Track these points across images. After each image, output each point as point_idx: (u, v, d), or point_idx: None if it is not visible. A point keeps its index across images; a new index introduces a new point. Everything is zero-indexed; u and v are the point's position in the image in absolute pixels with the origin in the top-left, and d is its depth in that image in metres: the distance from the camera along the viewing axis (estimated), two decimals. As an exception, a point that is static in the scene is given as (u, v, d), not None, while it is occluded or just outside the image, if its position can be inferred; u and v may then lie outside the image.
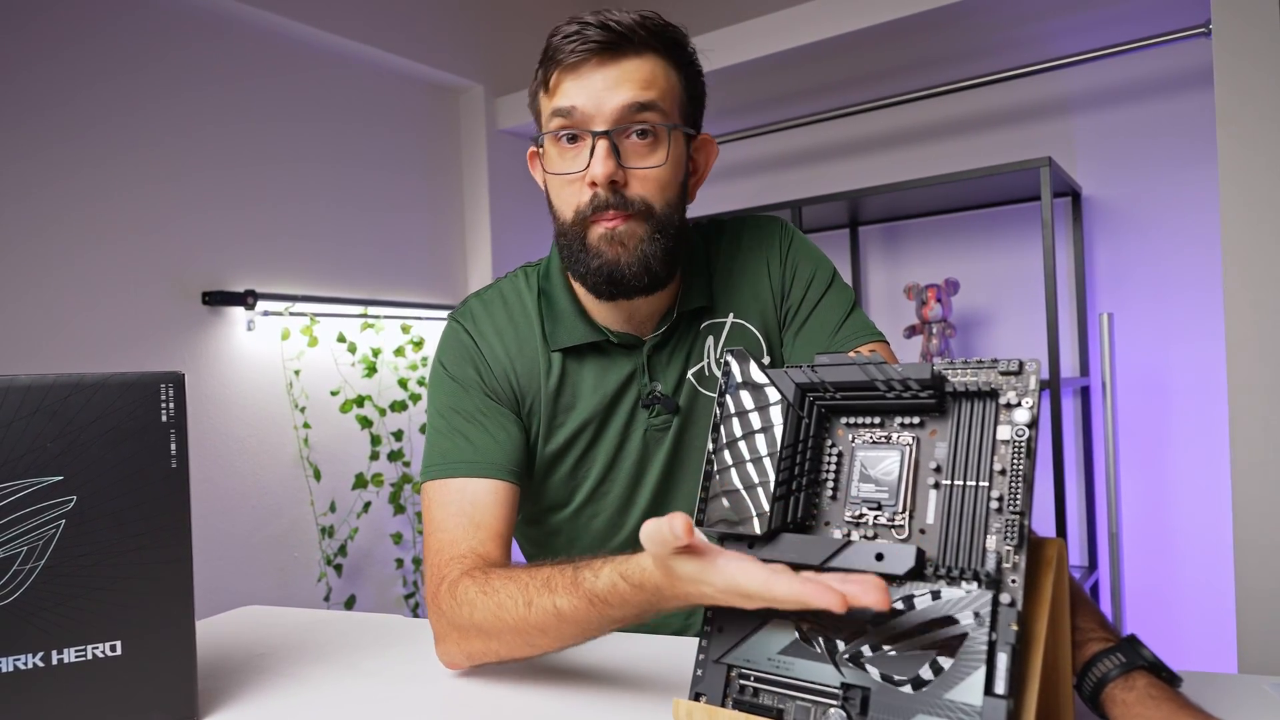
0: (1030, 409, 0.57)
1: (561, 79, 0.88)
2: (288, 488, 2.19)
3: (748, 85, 2.73)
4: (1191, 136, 2.10)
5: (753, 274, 1.00)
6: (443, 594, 0.83)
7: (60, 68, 1.82)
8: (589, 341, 0.96)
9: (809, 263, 1.00)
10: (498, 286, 1.02)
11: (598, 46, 0.85)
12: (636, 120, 0.86)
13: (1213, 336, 2.07)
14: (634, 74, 0.86)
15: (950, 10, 2.07)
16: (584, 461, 0.98)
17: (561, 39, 0.87)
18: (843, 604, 0.52)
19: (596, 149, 0.85)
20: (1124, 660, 0.62)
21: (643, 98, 0.86)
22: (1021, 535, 0.55)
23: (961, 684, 0.54)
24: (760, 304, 0.99)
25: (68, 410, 0.72)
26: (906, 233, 2.55)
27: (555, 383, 0.96)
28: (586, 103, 0.86)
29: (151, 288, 1.95)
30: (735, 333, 0.98)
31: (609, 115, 0.86)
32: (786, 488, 0.63)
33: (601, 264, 0.88)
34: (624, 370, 0.97)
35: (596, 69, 0.86)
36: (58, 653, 0.71)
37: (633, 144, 0.87)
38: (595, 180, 0.85)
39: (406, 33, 2.45)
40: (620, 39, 0.86)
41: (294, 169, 2.25)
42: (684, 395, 0.97)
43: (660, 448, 0.97)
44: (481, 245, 2.72)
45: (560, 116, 0.87)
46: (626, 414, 0.97)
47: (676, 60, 0.90)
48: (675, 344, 0.98)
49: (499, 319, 0.99)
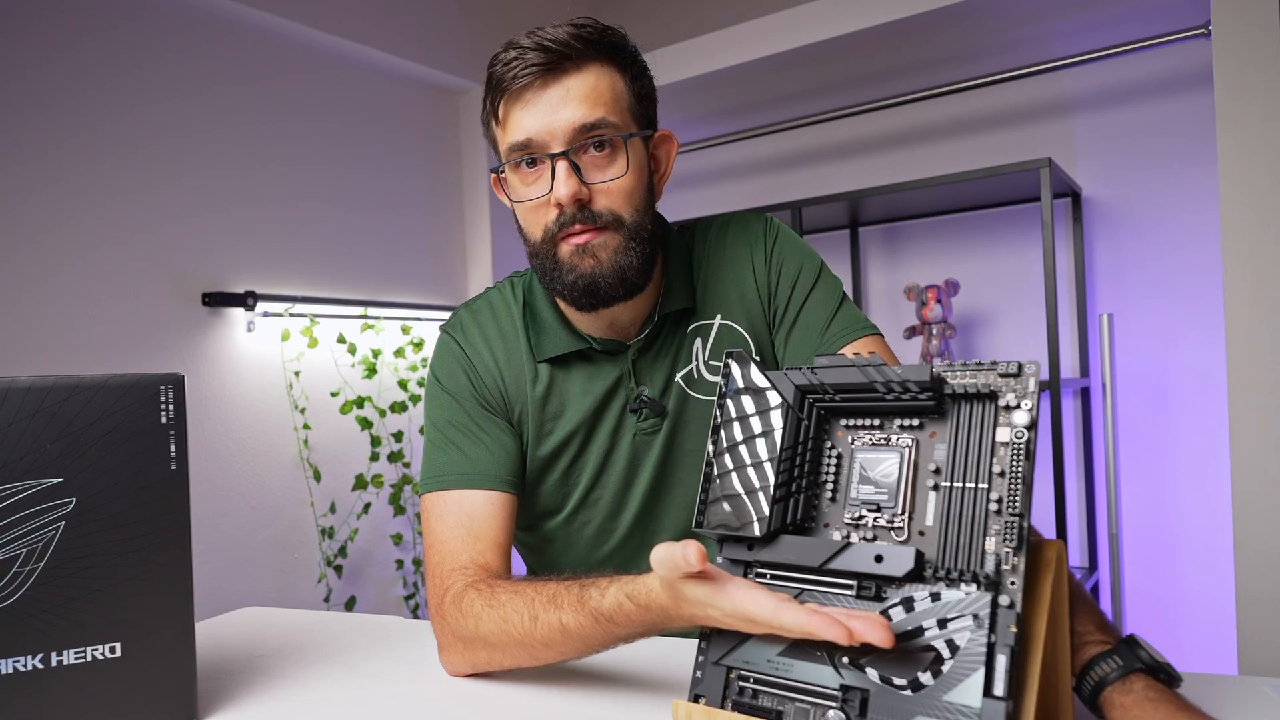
0: (1029, 411, 0.56)
1: (510, 108, 0.88)
2: (288, 489, 2.19)
3: (748, 86, 2.73)
4: (1191, 137, 2.10)
5: (738, 274, 0.99)
6: (447, 605, 0.84)
7: (60, 70, 1.82)
8: (573, 350, 0.96)
9: (795, 258, 0.99)
10: (486, 297, 1.03)
11: (538, 69, 0.86)
12: (590, 135, 0.86)
13: (1213, 336, 2.07)
14: (579, 90, 0.86)
15: (950, 11, 2.07)
16: (574, 469, 0.98)
17: (502, 67, 0.87)
18: (849, 637, 0.53)
19: (557, 171, 0.86)
20: (1121, 663, 0.62)
21: (591, 117, 0.86)
22: (1021, 537, 0.55)
23: (960, 686, 0.54)
24: (746, 304, 0.99)
25: (67, 412, 0.72)
26: (907, 233, 2.55)
27: (542, 392, 0.97)
28: (539, 129, 0.86)
29: (152, 289, 1.95)
30: (723, 334, 0.98)
31: (562, 137, 0.86)
32: (786, 489, 0.63)
33: (576, 277, 0.88)
34: (610, 376, 0.97)
35: (541, 91, 0.86)
36: (57, 654, 0.71)
37: (591, 158, 0.87)
38: (560, 201, 0.86)
39: (406, 33, 2.45)
40: (559, 56, 0.86)
41: (293, 169, 2.25)
42: (672, 398, 0.97)
43: (650, 452, 0.97)
44: (481, 246, 2.72)
45: (518, 150, 0.88)
46: (614, 420, 0.97)
47: (619, 64, 0.90)
48: (660, 347, 0.98)
49: (488, 329, 0.99)
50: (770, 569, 0.63)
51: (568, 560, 1.02)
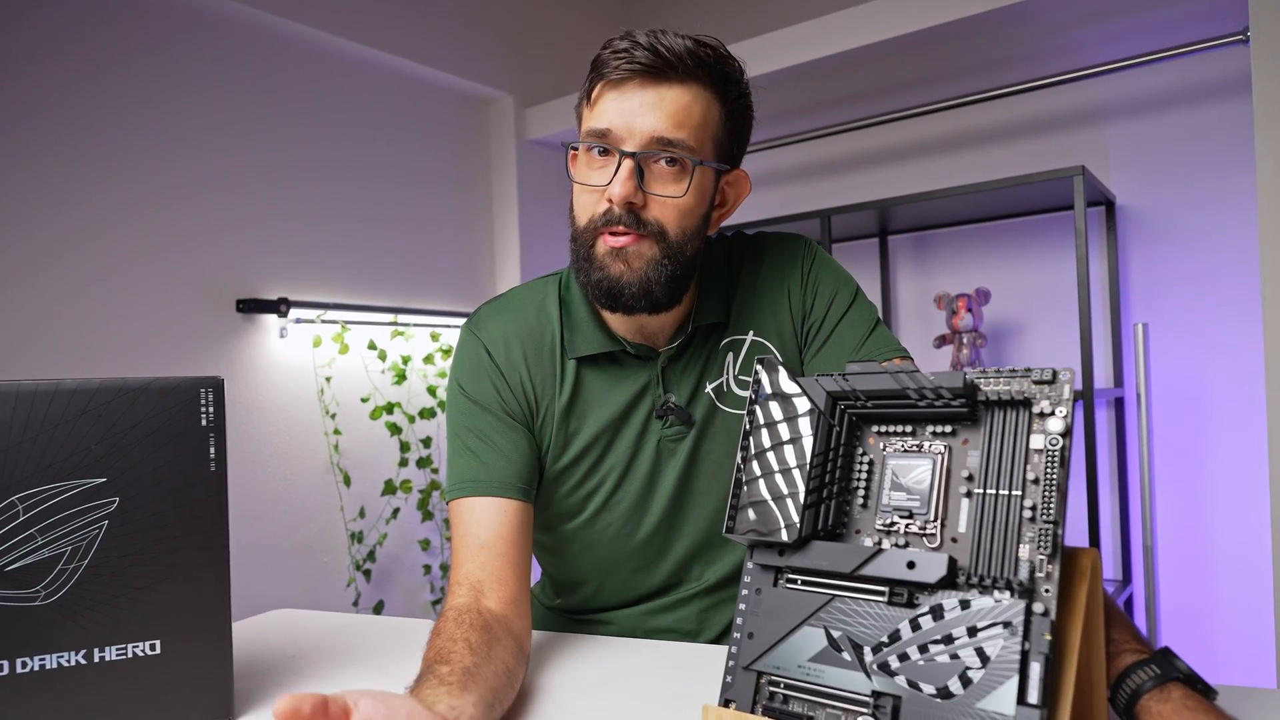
0: (1064, 418, 0.56)
1: (603, 93, 0.89)
2: (318, 493, 2.22)
3: (777, 95, 2.73)
4: (1229, 145, 2.07)
5: (774, 295, 1.00)
6: (440, 614, 0.88)
7: (102, 87, 1.86)
8: (605, 351, 0.96)
9: (830, 282, 1.00)
10: (514, 293, 1.04)
11: (642, 68, 0.86)
12: (665, 150, 0.87)
13: (1251, 348, 2.03)
14: (672, 103, 0.86)
15: (982, 19, 2.06)
16: (596, 470, 0.99)
17: (610, 53, 0.88)
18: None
19: (621, 168, 0.86)
20: (1159, 672, 0.61)
21: (670, 133, 0.86)
22: (1055, 544, 0.54)
23: (994, 693, 0.53)
24: (779, 324, 0.99)
25: (111, 414, 0.74)
26: (937, 242, 2.53)
27: (569, 391, 0.97)
28: (620, 123, 0.87)
29: (189, 296, 1.99)
30: (754, 351, 0.99)
31: (638, 139, 0.86)
32: (817, 495, 0.64)
33: (602, 277, 0.89)
34: (639, 381, 0.97)
35: (637, 90, 0.87)
36: (99, 651, 0.73)
37: (659, 169, 0.88)
38: (612, 198, 0.87)
39: (437, 43, 2.48)
40: (666, 65, 0.86)
41: (325, 179, 2.29)
42: (700, 409, 0.98)
43: (674, 459, 0.98)
44: (510, 254, 2.74)
45: (594, 135, 0.89)
46: (640, 424, 0.98)
47: (722, 95, 0.90)
48: (690, 357, 0.98)
49: (512, 326, 1.00)
50: (801, 574, 0.64)
51: (587, 563, 1.03)
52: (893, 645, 0.58)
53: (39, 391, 0.71)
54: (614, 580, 1.03)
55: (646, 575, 1.02)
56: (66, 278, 1.80)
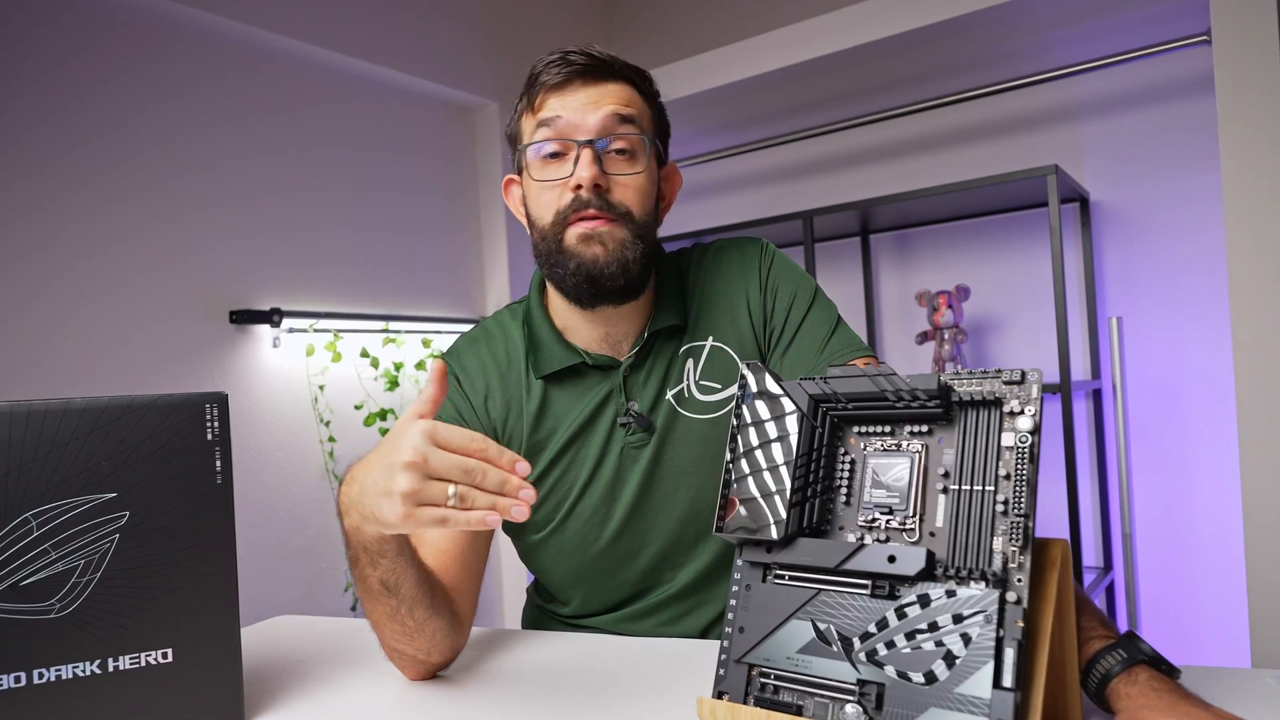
0: (1033, 416, 0.60)
1: (546, 97, 0.94)
2: (314, 500, 2.24)
3: (759, 98, 2.77)
4: (1196, 143, 2.12)
5: (732, 300, 1.02)
6: None
7: (92, 104, 1.87)
8: (568, 365, 0.99)
9: (789, 284, 1.02)
10: (484, 325, 1.08)
11: (581, 69, 0.93)
12: (619, 131, 0.93)
13: (1221, 337, 2.08)
14: (615, 96, 0.94)
15: (956, 23, 2.11)
16: (561, 482, 1.01)
17: (545, 65, 0.95)
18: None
19: (581, 157, 0.92)
20: (1125, 656, 0.65)
21: (624, 111, 0.93)
22: (1026, 536, 0.58)
23: (971, 678, 0.57)
24: (737, 329, 1.01)
25: (120, 430, 0.76)
26: (917, 240, 2.58)
27: (535, 409, 1.00)
28: (571, 115, 0.92)
29: (182, 308, 2.00)
30: (714, 356, 1.01)
31: (593, 126, 0.92)
32: (802, 494, 0.67)
33: (580, 264, 0.93)
34: (601, 391, 1.00)
35: (580, 88, 0.94)
36: (113, 660, 0.75)
37: (612, 158, 0.94)
38: (581, 183, 0.91)
39: (422, 53, 2.50)
40: (602, 65, 0.94)
41: (315, 190, 2.30)
42: (661, 415, 0.99)
43: (636, 466, 0.99)
44: (498, 259, 2.77)
45: (545, 127, 0.93)
46: (604, 434, 1.00)
47: (647, 95, 0.99)
48: (651, 365, 1.00)
49: (483, 355, 1.04)
50: (788, 570, 0.67)
51: (561, 571, 1.04)
52: (877, 635, 0.61)
53: (49, 410, 0.74)
54: (589, 587, 1.04)
55: (618, 581, 1.03)
56: (59, 292, 1.81)
